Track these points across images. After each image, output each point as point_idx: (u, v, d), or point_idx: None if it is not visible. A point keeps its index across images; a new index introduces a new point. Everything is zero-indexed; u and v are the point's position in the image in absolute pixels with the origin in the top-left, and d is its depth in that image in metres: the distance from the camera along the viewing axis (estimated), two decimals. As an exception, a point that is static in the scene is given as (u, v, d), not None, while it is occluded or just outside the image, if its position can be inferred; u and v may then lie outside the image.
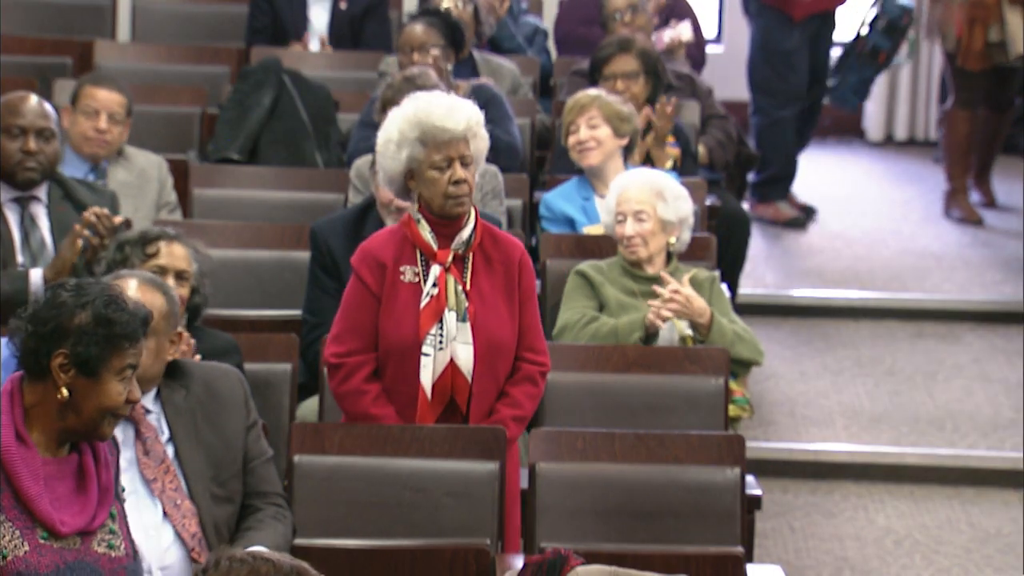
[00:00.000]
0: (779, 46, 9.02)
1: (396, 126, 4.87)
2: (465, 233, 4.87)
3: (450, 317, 4.83)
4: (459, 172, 4.80)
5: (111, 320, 3.70)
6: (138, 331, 3.73)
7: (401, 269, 4.88)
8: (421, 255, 4.88)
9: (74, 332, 3.69)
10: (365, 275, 4.88)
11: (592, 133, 6.40)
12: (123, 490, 3.91)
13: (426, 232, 4.86)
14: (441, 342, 4.84)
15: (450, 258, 4.85)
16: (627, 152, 6.52)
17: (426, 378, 4.85)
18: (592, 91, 6.60)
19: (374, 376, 4.90)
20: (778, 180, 9.35)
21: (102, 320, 3.70)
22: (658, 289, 5.63)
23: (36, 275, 5.63)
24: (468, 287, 4.86)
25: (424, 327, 4.83)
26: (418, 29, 7.10)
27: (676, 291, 5.60)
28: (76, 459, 3.77)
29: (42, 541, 3.68)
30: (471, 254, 4.89)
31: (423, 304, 4.84)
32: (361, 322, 4.88)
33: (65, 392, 3.69)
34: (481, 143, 4.88)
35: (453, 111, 4.83)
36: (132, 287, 4.44)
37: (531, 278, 4.95)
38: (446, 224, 4.85)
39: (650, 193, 5.79)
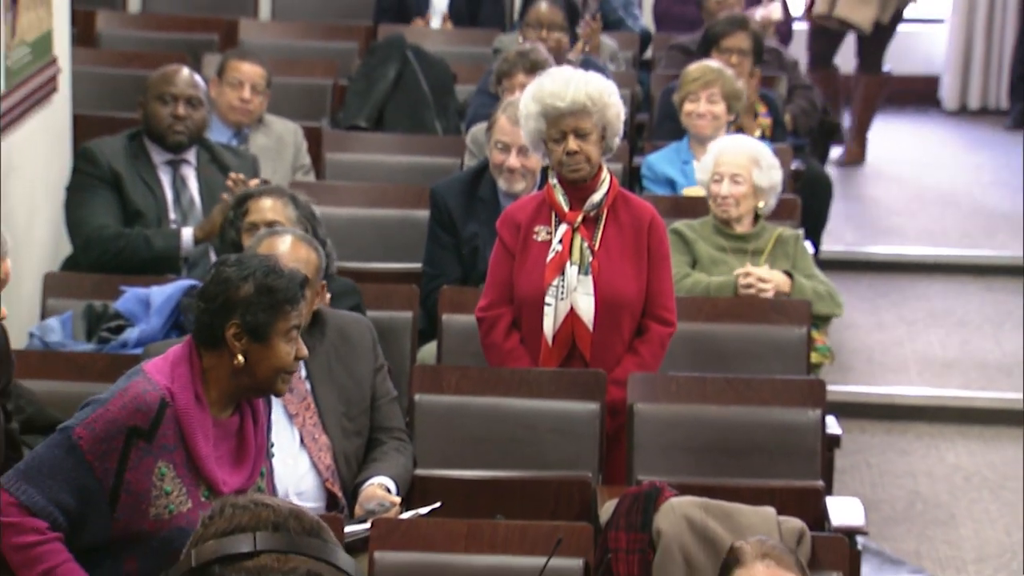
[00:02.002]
0: None
1: (525, 101, 4.93)
2: (596, 196, 4.89)
3: (571, 270, 4.86)
4: (571, 144, 4.82)
5: (272, 288, 3.69)
6: (297, 294, 3.72)
7: (535, 229, 4.92)
8: (555, 216, 4.91)
9: (241, 303, 3.67)
10: (504, 235, 4.95)
11: (711, 108, 6.40)
12: (272, 445, 3.89)
13: (559, 195, 4.90)
14: (562, 293, 4.87)
15: (580, 218, 4.88)
16: (729, 124, 6.53)
17: (548, 326, 4.88)
18: (715, 66, 6.55)
19: (512, 328, 4.94)
20: None
21: (264, 289, 3.68)
22: (743, 279, 5.62)
23: (187, 233, 5.71)
24: (596, 245, 4.88)
25: (547, 279, 4.87)
26: (543, 8, 7.18)
27: (754, 275, 5.59)
28: (238, 421, 3.74)
29: (203, 499, 3.65)
30: (603, 215, 4.90)
31: (548, 258, 4.88)
32: (500, 277, 4.94)
33: (241, 359, 3.67)
34: (609, 112, 4.86)
35: (565, 87, 4.84)
36: (287, 243, 4.46)
37: (660, 241, 4.94)
38: (578, 188, 4.88)
39: (747, 159, 5.78)
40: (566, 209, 4.90)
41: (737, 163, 5.76)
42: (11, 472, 3.65)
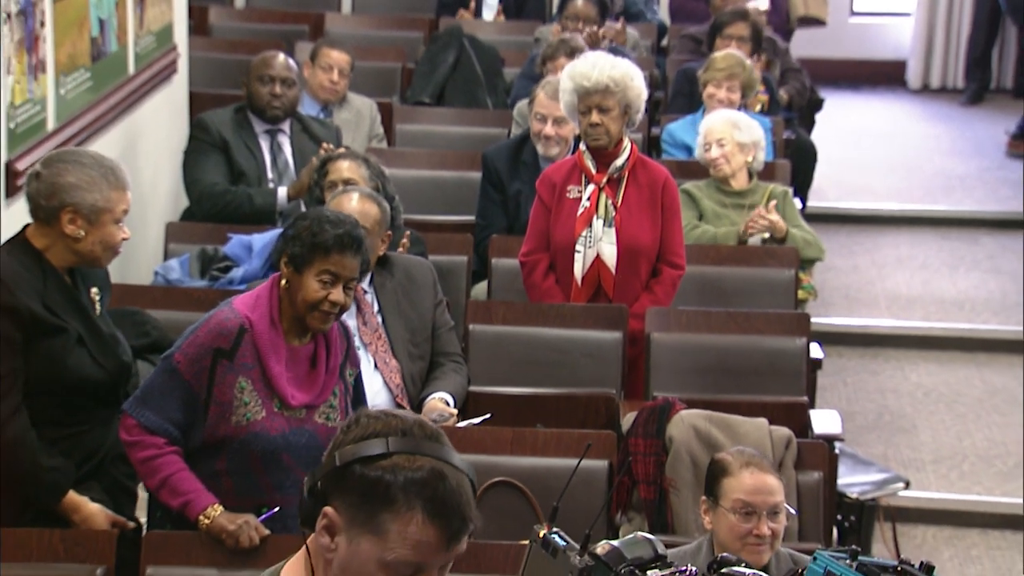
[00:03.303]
0: None
1: (563, 78, 4.90)
2: (619, 161, 4.84)
3: (598, 223, 4.82)
4: (594, 117, 4.77)
5: (315, 232, 3.63)
6: (333, 245, 3.62)
7: (568, 188, 4.87)
8: (585, 177, 4.86)
9: (292, 238, 3.65)
10: (542, 193, 4.91)
11: (729, 95, 6.29)
12: (351, 374, 3.81)
13: (588, 160, 4.86)
14: (590, 242, 4.82)
15: (605, 179, 4.83)
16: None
17: (577, 269, 4.85)
18: (740, 58, 6.38)
19: (549, 270, 4.90)
20: None
21: (310, 231, 3.63)
22: (755, 216, 5.55)
23: (282, 192, 5.68)
24: (619, 202, 4.83)
25: (577, 230, 4.82)
26: (579, 4, 7.15)
27: (766, 216, 5.54)
28: (312, 348, 3.69)
29: (276, 410, 3.62)
30: (624, 176, 4.84)
31: (579, 213, 4.83)
32: (539, 228, 4.90)
33: (283, 283, 3.64)
34: (631, 92, 4.79)
35: (594, 69, 4.79)
36: (354, 199, 4.41)
37: (672, 198, 4.89)
38: (604, 154, 4.83)
39: (727, 124, 5.73)
40: (594, 171, 4.85)
41: (719, 130, 5.72)
42: (131, 399, 3.65)
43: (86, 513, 3.64)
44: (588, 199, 4.83)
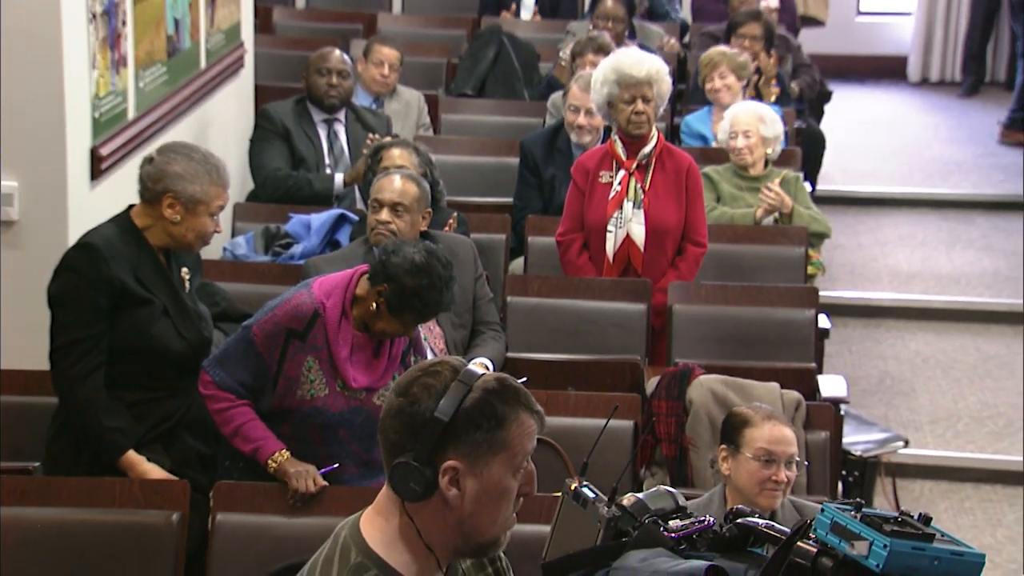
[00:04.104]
0: None
1: (602, 70, 4.83)
2: (647, 148, 4.81)
3: (628, 205, 4.79)
4: (639, 106, 4.74)
5: (426, 302, 3.58)
6: (432, 314, 3.63)
7: (600, 173, 4.85)
8: (616, 164, 4.83)
9: (399, 289, 3.57)
10: (577, 178, 4.89)
11: (724, 82, 6.25)
12: (415, 360, 3.79)
13: (619, 147, 4.82)
14: (620, 223, 4.80)
15: (634, 165, 4.80)
16: (744, 89, 6.40)
17: (609, 248, 4.83)
18: (719, 49, 6.37)
19: (583, 249, 4.89)
20: None
21: (419, 296, 3.58)
22: (764, 191, 5.52)
23: (339, 177, 5.68)
24: (647, 186, 4.80)
25: (609, 212, 4.80)
26: (609, 4, 7.10)
27: (775, 193, 5.51)
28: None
29: (338, 389, 3.62)
30: (652, 163, 4.82)
31: (610, 196, 4.81)
32: (574, 210, 4.88)
33: (373, 307, 3.59)
34: (663, 86, 4.78)
35: (640, 62, 4.77)
36: (396, 180, 4.41)
37: (696, 182, 4.85)
38: (633, 142, 4.80)
39: (755, 118, 5.68)
40: (624, 158, 4.82)
41: (747, 122, 5.67)
42: (211, 358, 3.69)
43: (140, 471, 3.66)
44: (619, 183, 4.80)
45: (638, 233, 4.80)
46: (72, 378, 3.60)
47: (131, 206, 3.77)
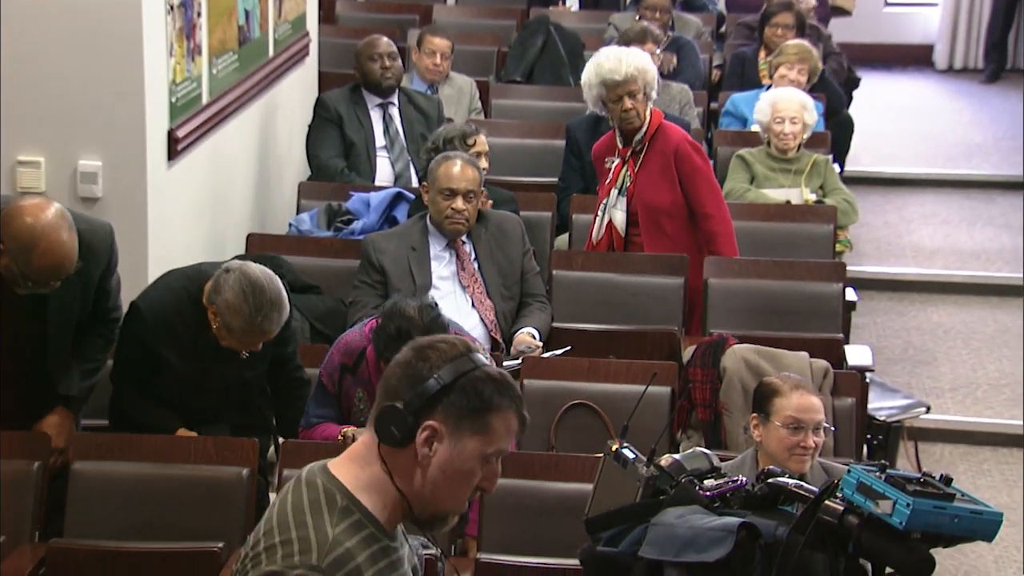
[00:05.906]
0: None
1: (587, 74, 4.81)
2: (638, 135, 4.77)
3: (614, 192, 4.77)
4: (627, 104, 4.70)
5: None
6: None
7: (607, 159, 4.85)
8: (617, 151, 4.81)
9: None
10: (596, 164, 4.91)
11: (798, 77, 6.10)
12: None
13: (617, 136, 4.81)
14: (606, 208, 4.79)
15: (628, 153, 4.77)
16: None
17: (594, 232, 4.84)
18: (810, 47, 6.24)
19: None
20: None
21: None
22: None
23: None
24: (638, 169, 4.77)
25: (600, 197, 4.81)
26: None
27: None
28: None
29: None
30: (645, 147, 4.78)
31: (606, 182, 4.79)
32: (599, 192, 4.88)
33: None
34: (648, 76, 4.72)
35: (620, 63, 4.71)
36: (458, 164, 4.42)
37: (684, 160, 4.72)
38: (629, 131, 4.77)
39: (800, 105, 5.63)
40: (620, 146, 4.80)
41: (794, 109, 5.60)
42: (304, 415, 3.88)
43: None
44: (612, 170, 4.79)
45: (619, 220, 4.77)
46: (117, 391, 3.92)
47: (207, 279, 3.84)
